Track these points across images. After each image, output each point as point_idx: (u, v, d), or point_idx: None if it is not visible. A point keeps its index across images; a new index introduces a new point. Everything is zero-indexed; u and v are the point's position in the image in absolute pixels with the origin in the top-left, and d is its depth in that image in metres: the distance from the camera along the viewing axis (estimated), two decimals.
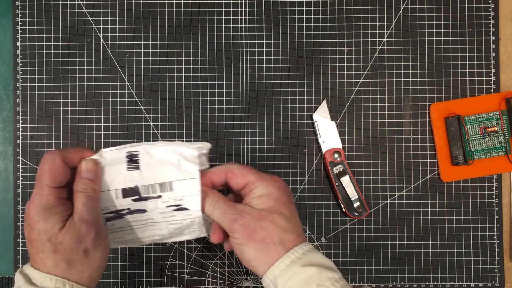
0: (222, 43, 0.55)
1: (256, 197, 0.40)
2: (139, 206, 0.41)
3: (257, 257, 0.38)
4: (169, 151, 0.41)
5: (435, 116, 0.55)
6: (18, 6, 0.55)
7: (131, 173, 0.40)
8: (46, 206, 0.37)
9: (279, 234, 0.39)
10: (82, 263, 0.38)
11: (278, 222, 0.39)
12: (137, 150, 0.41)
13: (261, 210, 0.39)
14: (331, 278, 0.37)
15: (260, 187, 0.40)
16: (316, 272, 0.37)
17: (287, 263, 0.38)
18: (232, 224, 0.39)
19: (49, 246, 0.37)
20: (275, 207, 0.40)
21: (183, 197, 0.41)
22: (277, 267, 0.38)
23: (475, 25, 0.55)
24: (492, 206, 0.55)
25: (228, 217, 0.39)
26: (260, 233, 0.38)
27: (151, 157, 0.41)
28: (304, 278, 0.37)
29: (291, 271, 0.37)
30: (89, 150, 0.40)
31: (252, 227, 0.38)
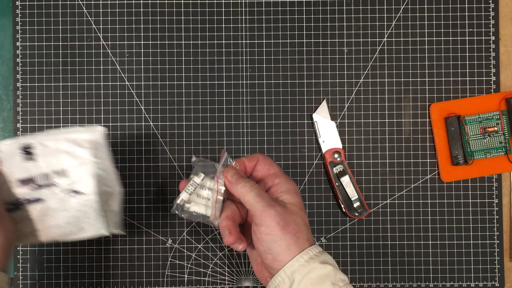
0: (222, 43, 0.55)
1: (284, 191, 0.40)
2: (37, 195, 0.43)
3: (288, 250, 0.38)
4: (62, 140, 0.43)
5: (435, 116, 0.55)
6: (18, 6, 0.55)
7: (27, 163, 0.43)
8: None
9: (306, 231, 0.39)
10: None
11: (305, 219, 0.40)
12: (31, 142, 0.43)
13: (293, 205, 0.40)
14: (344, 280, 0.38)
15: (284, 182, 0.41)
16: (332, 270, 0.38)
17: (307, 258, 0.38)
18: (268, 208, 0.38)
19: None
20: (301, 205, 0.40)
21: (77, 182, 0.43)
22: (297, 262, 0.38)
23: (475, 25, 0.55)
24: (492, 206, 0.55)
25: (265, 201, 0.38)
26: (293, 227, 0.38)
27: (45, 147, 0.43)
28: (321, 274, 0.37)
29: (309, 266, 0.37)
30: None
31: (287, 219, 0.38)
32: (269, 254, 0.39)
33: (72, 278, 0.54)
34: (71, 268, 0.54)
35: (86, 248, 0.54)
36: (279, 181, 0.41)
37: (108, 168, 0.45)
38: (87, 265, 0.54)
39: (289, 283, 0.37)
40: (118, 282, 0.54)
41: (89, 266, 0.54)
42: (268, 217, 0.38)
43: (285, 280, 0.38)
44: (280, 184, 0.41)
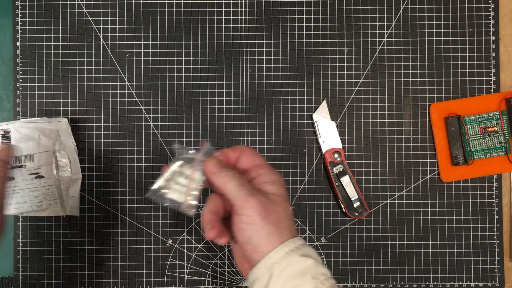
0: (222, 43, 0.55)
1: (268, 182, 0.39)
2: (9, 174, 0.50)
3: (268, 241, 0.37)
4: (32, 128, 0.52)
5: (435, 116, 0.55)
6: (18, 6, 0.55)
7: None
8: None
9: (288, 222, 0.38)
10: None
11: (287, 211, 0.39)
12: (9, 128, 0.52)
13: (275, 195, 0.39)
14: (325, 274, 0.37)
15: (268, 173, 0.40)
16: (313, 264, 0.37)
17: (287, 250, 0.37)
18: (249, 197, 0.37)
19: None
20: (285, 196, 0.39)
21: (41, 167, 0.52)
22: (276, 254, 0.36)
23: (475, 25, 0.55)
24: (492, 206, 0.55)
25: (247, 190, 0.38)
26: (275, 216, 0.37)
27: (19, 133, 0.52)
28: (301, 268, 0.36)
29: (289, 259, 0.36)
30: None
31: (268, 208, 0.37)
32: (249, 244, 0.37)
33: (72, 278, 0.54)
34: (71, 268, 0.54)
35: (86, 248, 0.54)
36: (263, 172, 0.40)
37: (71, 156, 0.53)
38: (87, 265, 0.54)
39: (268, 275, 0.36)
40: (118, 282, 0.54)
41: (89, 266, 0.54)
42: (249, 206, 0.37)
43: (264, 272, 0.37)
44: (264, 175, 0.40)
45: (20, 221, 0.54)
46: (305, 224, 0.55)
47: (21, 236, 0.54)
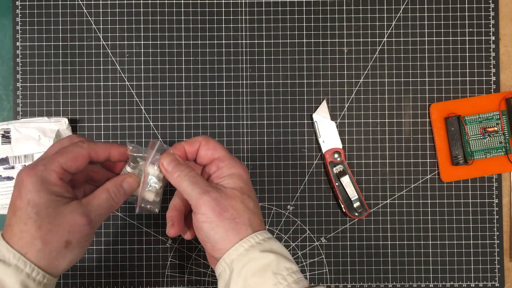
0: (222, 43, 0.55)
1: (226, 176, 0.38)
2: (8, 173, 0.52)
3: (226, 237, 0.36)
4: (33, 128, 0.52)
5: (435, 116, 0.55)
6: (18, 6, 0.55)
7: (5, 146, 0.52)
8: (45, 179, 0.35)
9: (248, 215, 0.37)
10: (58, 251, 0.35)
11: (247, 203, 0.37)
12: (9, 128, 0.52)
13: (232, 189, 0.37)
14: (289, 269, 0.36)
15: (228, 166, 0.38)
16: (275, 259, 0.35)
17: (246, 247, 0.36)
18: (203, 195, 0.36)
19: (35, 221, 0.34)
20: (245, 189, 0.38)
21: None
22: (235, 250, 0.36)
23: (475, 25, 0.55)
24: (492, 206, 0.55)
25: (199, 187, 0.37)
26: (231, 212, 0.36)
27: (19, 133, 0.52)
28: (262, 264, 0.35)
29: (249, 256, 0.35)
30: (117, 146, 0.40)
31: (223, 204, 0.36)
32: (207, 242, 0.37)
33: (72, 278, 0.54)
34: (71, 268, 0.54)
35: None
36: (223, 165, 0.38)
37: None
38: (87, 265, 0.54)
39: (229, 272, 0.36)
40: (118, 282, 0.54)
41: (89, 266, 0.54)
42: (203, 204, 0.36)
43: (225, 269, 0.36)
44: (224, 168, 0.38)
45: None
46: (305, 224, 0.55)
47: None
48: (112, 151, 0.39)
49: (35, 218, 0.34)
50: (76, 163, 0.37)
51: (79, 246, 0.36)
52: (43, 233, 0.34)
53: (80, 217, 0.35)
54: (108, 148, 0.39)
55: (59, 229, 0.35)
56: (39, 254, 0.35)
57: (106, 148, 0.39)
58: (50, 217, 0.35)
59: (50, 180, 0.35)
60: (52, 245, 0.35)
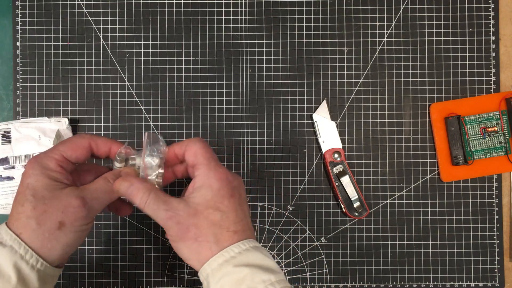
0: (222, 43, 0.55)
1: (197, 188, 0.38)
2: (8, 173, 0.52)
3: (191, 255, 0.37)
4: (33, 128, 0.52)
5: (435, 116, 0.55)
6: (18, 6, 0.55)
7: (5, 146, 0.52)
8: (45, 165, 0.36)
9: (213, 231, 0.36)
10: (51, 232, 0.35)
11: (212, 218, 0.37)
12: (9, 128, 0.52)
13: (197, 205, 0.37)
14: (266, 281, 0.35)
15: (201, 176, 0.38)
16: (249, 273, 0.35)
17: (220, 261, 0.36)
18: (166, 221, 0.37)
19: (31, 202, 0.35)
20: (212, 201, 0.37)
21: None
22: (209, 266, 0.36)
23: (475, 25, 0.55)
24: (492, 206, 0.55)
25: (161, 214, 0.37)
26: (194, 231, 0.36)
27: (19, 133, 0.52)
28: (236, 279, 0.35)
29: (222, 271, 0.35)
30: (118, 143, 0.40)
31: (185, 225, 0.36)
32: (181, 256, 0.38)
33: (72, 278, 0.54)
34: (71, 268, 0.54)
35: (86, 248, 0.54)
36: (197, 174, 0.38)
37: None
38: (87, 265, 0.54)
39: (206, 284, 0.37)
40: (118, 282, 0.54)
41: (89, 266, 0.54)
42: (168, 229, 0.37)
43: (204, 282, 0.37)
44: (196, 179, 0.38)
45: None
46: (305, 224, 0.55)
47: None
48: (113, 146, 0.40)
49: (31, 199, 0.35)
50: (76, 152, 0.38)
51: (74, 229, 0.36)
52: (37, 213, 0.35)
53: (75, 199, 0.36)
54: (109, 142, 0.40)
55: (53, 210, 0.35)
56: (32, 234, 0.35)
57: (107, 142, 0.40)
58: (45, 199, 0.35)
59: (49, 166, 0.36)
60: (46, 226, 0.35)
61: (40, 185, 0.36)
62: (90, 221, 0.38)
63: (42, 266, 0.35)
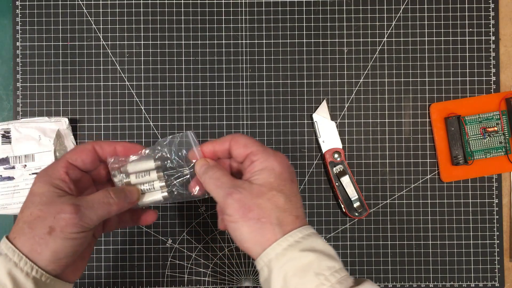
0: (222, 43, 0.55)
1: (257, 171, 0.37)
2: (9, 173, 0.52)
3: (251, 237, 0.35)
4: (33, 128, 0.52)
5: (435, 116, 0.55)
6: (18, 6, 0.55)
7: (5, 146, 0.52)
8: (50, 173, 0.37)
9: (277, 213, 0.35)
10: (41, 237, 0.35)
11: (276, 200, 0.36)
12: (9, 128, 0.52)
13: (260, 186, 0.36)
14: (331, 268, 0.34)
15: (261, 160, 0.37)
16: (315, 259, 0.34)
17: (284, 246, 0.34)
18: (226, 198, 0.36)
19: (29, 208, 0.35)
20: (275, 184, 0.36)
21: (42, 166, 0.52)
22: (273, 250, 0.34)
23: (475, 25, 0.55)
24: (492, 206, 0.55)
25: (223, 190, 0.36)
26: (256, 211, 0.35)
27: (20, 133, 0.52)
28: (302, 264, 0.34)
29: (288, 255, 0.34)
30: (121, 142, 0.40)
31: (248, 204, 0.35)
32: (236, 240, 0.36)
33: None
34: None
35: None
36: (256, 159, 0.37)
37: None
38: (87, 265, 0.54)
39: (267, 271, 0.35)
40: (118, 282, 0.54)
41: (89, 266, 0.54)
42: (227, 206, 0.35)
43: (263, 268, 0.35)
44: (256, 163, 0.37)
45: None
46: None
47: None
48: (117, 146, 0.40)
49: (30, 205, 0.36)
50: (81, 156, 0.38)
51: (63, 235, 0.35)
52: (32, 218, 0.35)
53: (68, 205, 0.35)
54: (113, 143, 0.40)
55: (46, 215, 0.35)
56: (24, 238, 0.35)
57: (111, 143, 0.40)
58: (42, 205, 0.35)
59: (54, 173, 0.37)
60: (36, 230, 0.35)
61: (41, 192, 0.36)
62: (84, 231, 0.36)
63: (38, 274, 0.35)
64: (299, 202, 0.37)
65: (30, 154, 0.53)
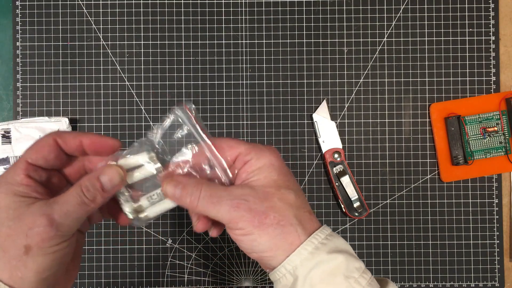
0: (222, 43, 0.55)
1: (254, 170, 0.32)
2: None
3: (272, 245, 0.31)
4: (33, 128, 0.52)
5: (435, 116, 0.55)
6: (18, 6, 0.55)
7: (5, 146, 0.53)
8: (10, 180, 0.30)
9: (293, 212, 0.31)
10: (18, 259, 0.29)
11: (288, 197, 0.31)
12: (9, 128, 0.53)
13: (265, 187, 0.31)
14: (359, 268, 0.31)
15: (256, 158, 0.32)
16: (344, 260, 0.30)
17: (310, 249, 0.31)
18: (233, 212, 0.30)
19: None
20: (281, 180, 0.32)
21: None
22: (298, 256, 0.31)
23: (475, 25, 0.55)
24: (492, 206, 0.55)
25: (225, 204, 0.31)
26: (273, 215, 0.31)
27: (20, 133, 0.52)
28: (330, 268, 0.30)
29: (315, 259, 0.30)
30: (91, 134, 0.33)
31: (261, 210, 0.30)
32: (254, 252, 0.32)
33: None
34: None
35: (86, 248, 0.54)
36: (249, 158, 0.32)
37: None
38: (87, 265, 0.54)
39: (292, 279, 0.31)
40: (118, 282, 0.54)
41: (89, 266, 0.54)
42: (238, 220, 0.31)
43: (286, 275, 0.31)
44: (251, 162, 0.32)
45: None
46: None
47: None
48: (84, 138, 0.32)
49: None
50: (40, 153, 0.31)
51: (42, 252, 0.30)
52: (1, 239, 0.30)
53: (39, 217, 0.29)
54: (79, 135, 0.32)
55: (17, 233, 0.29)
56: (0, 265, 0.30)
57: (76, 135, 0.32)
58: (9, 221, 0.30)
59: (15, 179, 0.31)
60: (11, 252, 0.29)
61: (4, 205, 0.30)
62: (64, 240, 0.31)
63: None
64: (304, 195, 0.34)
65: None
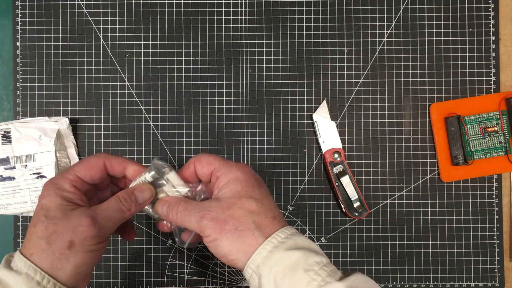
0: (222, 43, 0.55)
1: (223, 185, 0.37)
2: (9, 174, 0.52)
3: (233, 248, 0.35)
4: (33, 128, 0.52)
5: (435, 116, 0.55)
6: (18, 6, 0.55)
7: (5, 146, 0.52)
8: (59, 186, 0.36)
9: (252, 218, 0.35)
10: (61, 252, 0.35)
11: (248, 206, 0.36)
12: (9, 128, 0.52)
13: (229, 198, 0.36)
14: (319, 263, 0.34)
15: (224, 173, 0.37)
16: (302, 256, 0.34)
17: (269, 248, 0.34)
18: (200, 221, 0.36)
19: (43, 222, 0.35)
20: (243, 191, 0.36)
21: (43, 167, 0.52)
22: (258, 255, 0.34)
23: (475, 25, 0.55)
24: (492, 206, 0.55)
25: (194, 216, 0.36)
26: (231, 222, 0.35)
27: (20, 133, 0.52)
28: (290, 263, 0.34)
29: (274, 257, 0.34)
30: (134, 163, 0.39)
31: (221, 218, 0.35)
32: (222, 257, 0.36)
33: None
34: None
35: None
36: (220, 174, 0.37)
37: (71, 156, 0.53)
38: None
39: (257, 278, 0.34)
40: (118, 282, 0.54)
41: None
42: (204, 228, 0.36)
43: (252, 275, 0.35)
44: (221, 178, 0.37)
45: (20, 221, 0.54)
46: (305, 224, 0.55)
47: (21, 236, 0.54)
48: (128, 165, 0.39)
49: (43, 219, 0.35)
50: (90, 172, 0.38)
51: (84, 249, 0.35)
52: (48, 233, 0.35)
53: (85, 218, 0.35)
54: (124, 162, 0.39)
55: (63, 229, 0.35)
56: (42, 255, 0.35)
57: (122, 161, 0.39)
58: (56, 219, 0.35)
59: (63, 186, 0.37)
60: (55, 245, 0.35)
61: (52, 206, 0.36)
62: (102, 241, 0.37)
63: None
64: (272, 203, 0.37)
65: (30, 154, 0.53)
